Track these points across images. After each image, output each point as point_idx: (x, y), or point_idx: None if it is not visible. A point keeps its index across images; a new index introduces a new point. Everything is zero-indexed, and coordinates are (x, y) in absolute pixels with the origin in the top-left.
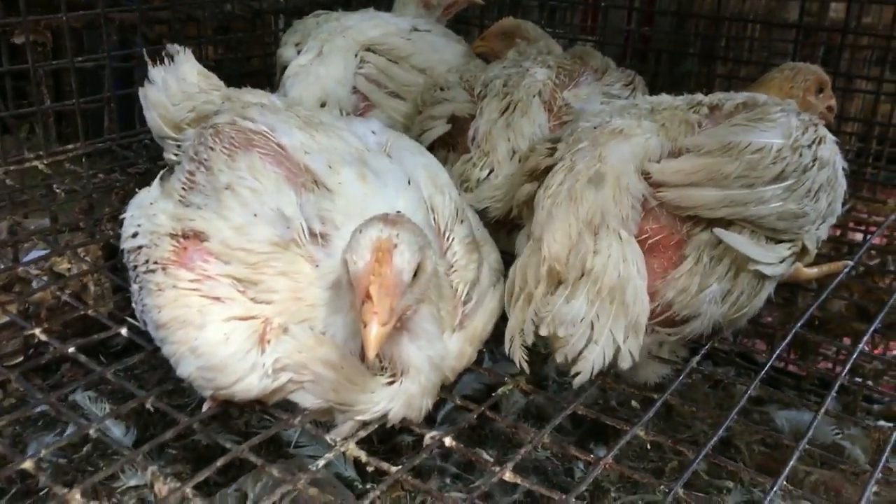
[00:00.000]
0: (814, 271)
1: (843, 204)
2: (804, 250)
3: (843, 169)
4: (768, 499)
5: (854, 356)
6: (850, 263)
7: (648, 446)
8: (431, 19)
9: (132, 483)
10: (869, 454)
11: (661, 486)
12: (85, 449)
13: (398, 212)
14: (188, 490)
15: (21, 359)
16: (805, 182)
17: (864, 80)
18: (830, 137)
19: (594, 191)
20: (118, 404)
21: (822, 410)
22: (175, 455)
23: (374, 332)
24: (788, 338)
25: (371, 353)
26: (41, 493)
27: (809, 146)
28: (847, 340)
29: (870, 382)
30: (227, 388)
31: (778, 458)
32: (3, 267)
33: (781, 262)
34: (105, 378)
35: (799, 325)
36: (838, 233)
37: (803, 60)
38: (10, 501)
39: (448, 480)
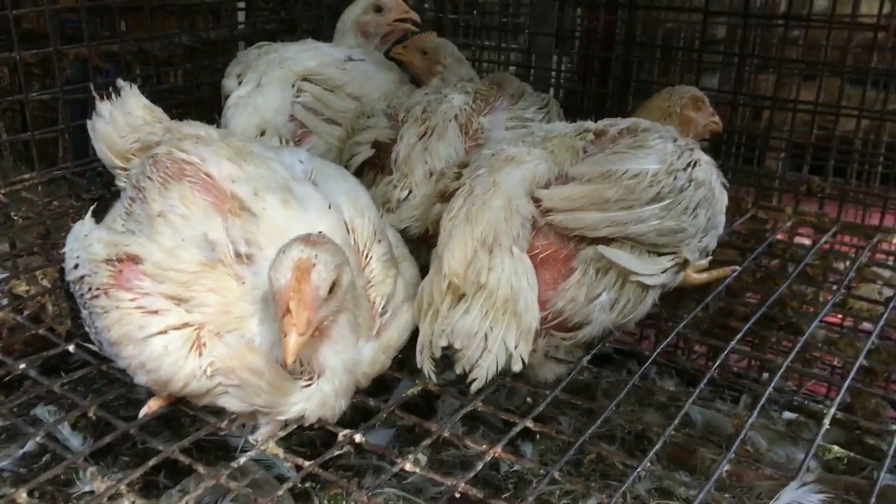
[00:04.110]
0: (703, 276)
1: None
2: (686, 261)
3: (724, 185)
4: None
5: (725, 353)
6: (738, 269)
7: (568, 441)
8: (369, 48)
9: (87, 489)
10: (773, 443)
11: (542, 470)
12: (44, 459)
13: (320, 232)
14: (122, 486)
15: None
16: (682, 201)
17: None
18: (706, 159)
19: (488, 212)
20: (78, 418)
21: (690, 401)
22: (127, 461)
23: (293, 342)
24: (670, 337)
25: (290, 359)
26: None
27: (685, 169)
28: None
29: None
30: (178, 392)
31: (688, 449)
32: None
33: (663, 272)
34: (53, 391)
35: (681, 325)
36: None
37: None
38: None
39: (384, 477)
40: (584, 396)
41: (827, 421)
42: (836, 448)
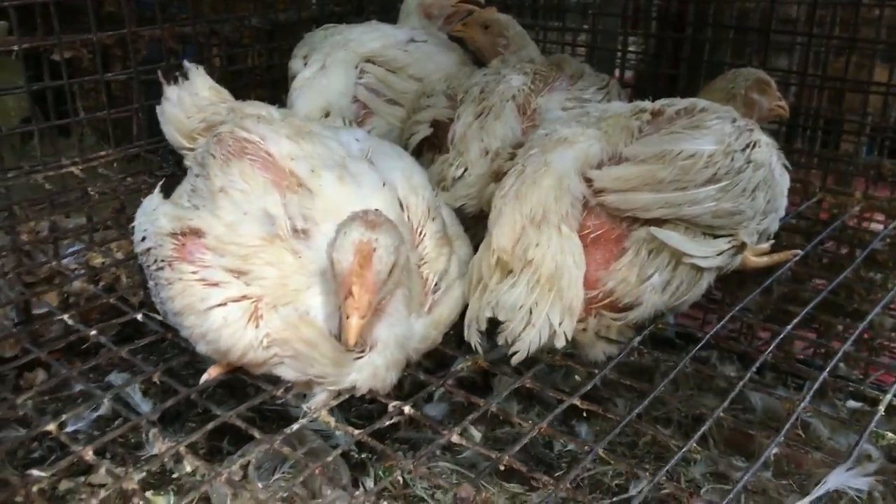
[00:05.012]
0: (764, 260)
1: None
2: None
3: (785, 166)
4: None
5: (781, 336)
6: (799, 253)
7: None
8: (432, 29)
9: (154, 451)
10: (835, 431)
11: (585, 447)
12: (116, 422)
13: (376, 209)
14: (182, 448)
15: (62, 345)
16: (739, 183)
17: None
18: (765, 140)
19: (537, 191)
20: (148, 384)
21: (742, 383)
22: (193, 427)
23: (355, 324)
24: (726, 318)
25: (351, 341)
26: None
27: (743, 150)
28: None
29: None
30: (237, 362)
31: (746, 434)
32: (45, 259)
33: (719, 254)
34: (124, 358)
35: (738, 308)
36: None
37: None
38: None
39: (438, 452)
40: (642, 380)
41: (882, 407)
42: (889, 434)
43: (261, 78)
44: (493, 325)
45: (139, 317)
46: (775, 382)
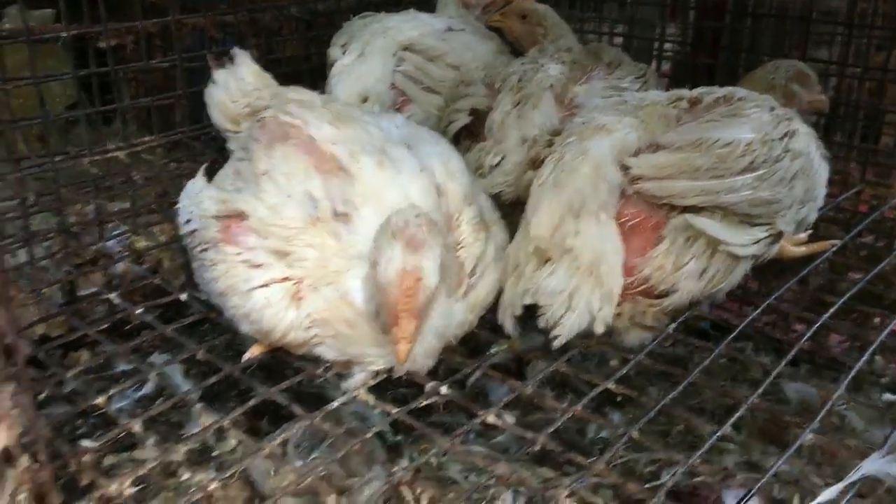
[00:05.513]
0: (801, 249)
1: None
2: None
3: (824, 156)
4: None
5: (817, 326)
6: (837, 243)
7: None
8: (470, 18)
9: (196, 430)
10: (871, 424)
11: (619, 430)
12: (158, 401)
13: (416, 213)
14: (226, 422)
15: (107, 325)
16: (777, 171)
17: None
18: (804, 130)
19: (575, 179)
20: (189, 365)
21: (776, 371)
22: (233, 407)
23: (404, 350)
24: (761, 308)
25: (402, 362)
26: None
27: (781, 139)
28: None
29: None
30: (279, 342)
31: (779, 425)
32: (90, 241)
33: (755, 243)
34: (167, 337)
35: (773, 297)
36: None
37: None
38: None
39: (472, 436)
40: (677, 368)
41: None
42: None
43: (298, 68)
44: (527, 311)
45: (183, 297)
46: (810, 375)
